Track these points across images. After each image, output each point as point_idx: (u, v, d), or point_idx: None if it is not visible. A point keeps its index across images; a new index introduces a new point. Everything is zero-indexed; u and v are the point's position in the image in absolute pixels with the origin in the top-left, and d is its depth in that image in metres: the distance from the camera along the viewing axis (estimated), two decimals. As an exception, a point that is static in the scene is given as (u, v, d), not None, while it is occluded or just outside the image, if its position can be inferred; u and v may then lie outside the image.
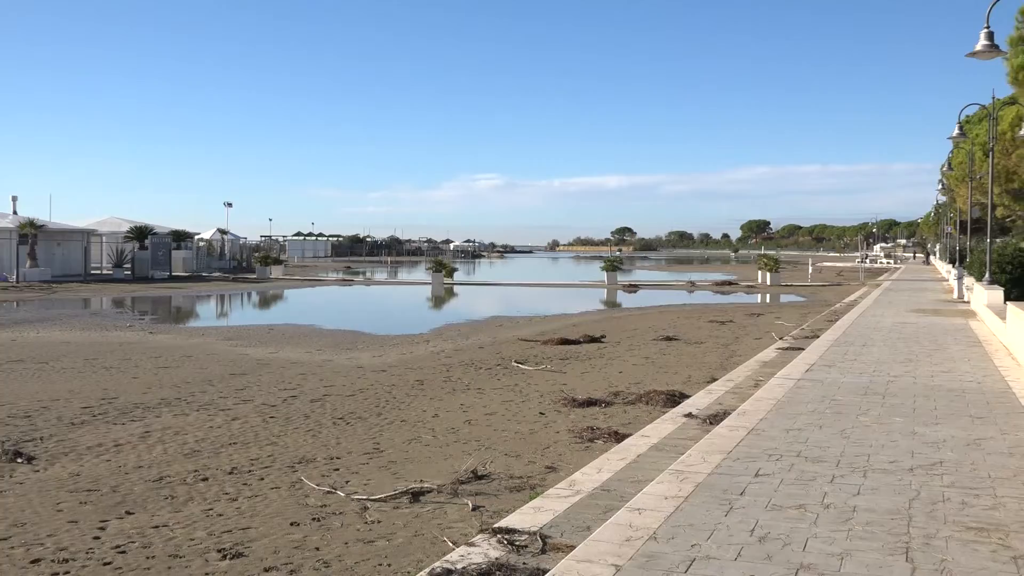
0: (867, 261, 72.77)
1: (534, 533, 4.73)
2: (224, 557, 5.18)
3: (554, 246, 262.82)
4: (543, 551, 4.49)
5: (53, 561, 5.16)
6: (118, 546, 5.41)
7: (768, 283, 41.60)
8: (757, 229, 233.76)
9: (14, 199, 44.69)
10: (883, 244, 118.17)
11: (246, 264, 58.83)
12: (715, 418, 7.97)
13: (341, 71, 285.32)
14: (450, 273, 45.10)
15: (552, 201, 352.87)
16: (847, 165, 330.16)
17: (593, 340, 17.49)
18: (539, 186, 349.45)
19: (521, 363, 14.06)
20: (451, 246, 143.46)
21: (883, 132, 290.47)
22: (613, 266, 43.66)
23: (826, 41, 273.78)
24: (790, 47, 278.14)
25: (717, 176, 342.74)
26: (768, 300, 33.99)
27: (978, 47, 12.52)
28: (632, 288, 41.17)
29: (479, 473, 6.86)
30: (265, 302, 33.99)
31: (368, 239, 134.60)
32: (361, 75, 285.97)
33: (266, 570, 4.97)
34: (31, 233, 40.11)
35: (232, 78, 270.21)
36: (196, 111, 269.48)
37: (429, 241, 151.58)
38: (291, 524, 5.81)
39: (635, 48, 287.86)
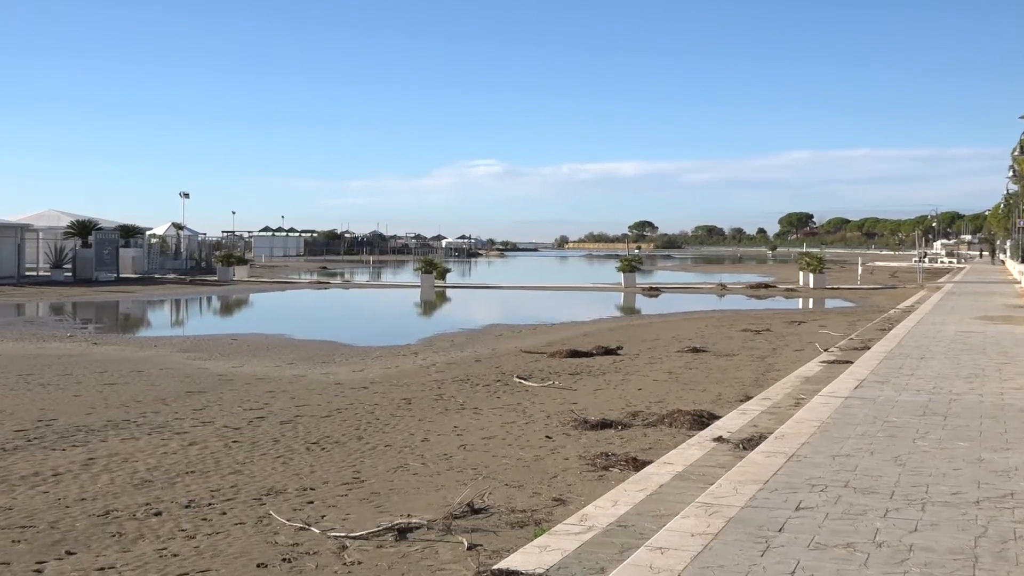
0: (926, 260, 72.81)
1: (539, 576, 4.73)
2: (180, 604, 5.18)
3: (562, 243, 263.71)
4: (550, 597, 4.49)
5: (-18, 609, 5.16)
6: (57, 591, 5.41)
7: (811, 286, 41.70)
8: (798, 223, 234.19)
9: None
10: (944, 240, 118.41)
11: (205, 264, 58.94)
12: (749, 442, 7.99)
13: (316, 44, 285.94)
14: (442, 274, 45.15)
15: (560, 191, 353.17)
16: (901, 149, 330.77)
17: (608, 352, 17.52)
18: (544, 174, 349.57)
19: (524, 379, 14.09)
20: (443, 243, 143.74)
21: (941, 111, 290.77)
22: (631, 266, 43.75)
23: (873, 8, 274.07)
24: (831, 15, 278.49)
25: (751, 162, 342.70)
26: (811, 305, 34.02)
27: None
28: (653, 292, 41.25)
29: (476, 506, 6.86)
30: (227, 308, 34.03)
31: (347, 235, 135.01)
32: (339, 48, 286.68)
33: (229, 619, 4.97)
34: (-44, 228, 40.21)
35: (189, 53, 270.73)
36: (147, 90, 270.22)
37: (418, 237, 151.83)
38: (258, 566, 5.81)
39: (654, 15, 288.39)
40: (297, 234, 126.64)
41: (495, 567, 4.96)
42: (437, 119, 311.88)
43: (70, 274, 44.50)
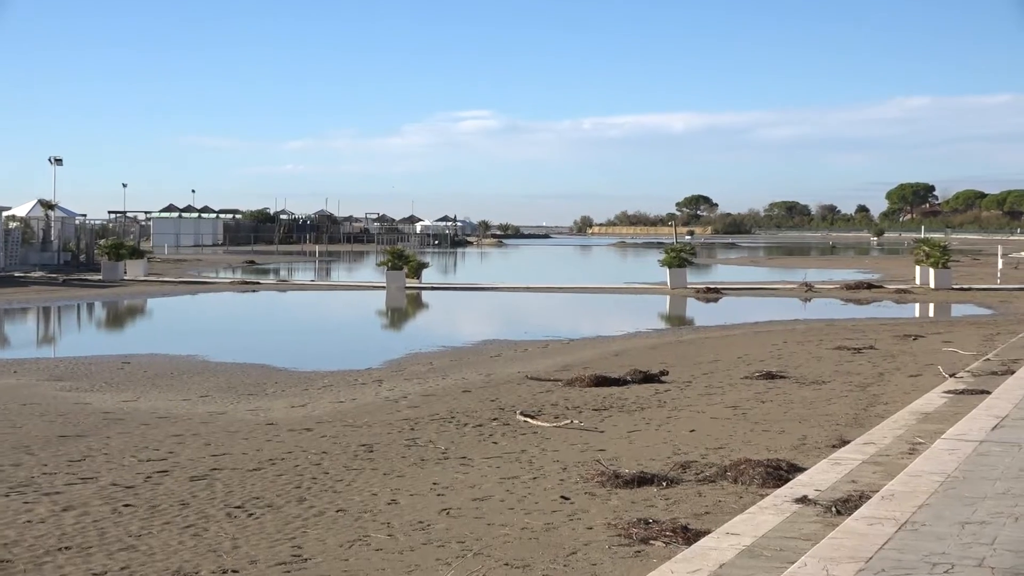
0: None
1: None
2: None
3: (585, 227, 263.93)
4: None
5: None
6: None
7: (932, 285, 41.67)
8: (913, 198, 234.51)
9: None
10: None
11: (86, 257, 58.95)
12: (845, 504, 8.01)
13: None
14: (416, 271, 45.14)
15: (580, 154, 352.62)
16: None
17: (648, 379, 17.52)
18: (558, 130, 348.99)
19: (531, 416, 14.08)
20: (418, 227, 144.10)
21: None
22: (680, 259, 43.72)
23: None
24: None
25: (846, 113, 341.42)
26: (932, 313, 34.02)
27: None
28: (711, 294, 41.24)
29: (463, 595, 6.87)
30: (117, 319, 34.08)
31: (283, 216, 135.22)
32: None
33: None
34: None
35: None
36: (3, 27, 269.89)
37: (382, 219, 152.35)
38: None
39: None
40: (213, 215, 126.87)
41: None
42: (408, 56, 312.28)
43: None
